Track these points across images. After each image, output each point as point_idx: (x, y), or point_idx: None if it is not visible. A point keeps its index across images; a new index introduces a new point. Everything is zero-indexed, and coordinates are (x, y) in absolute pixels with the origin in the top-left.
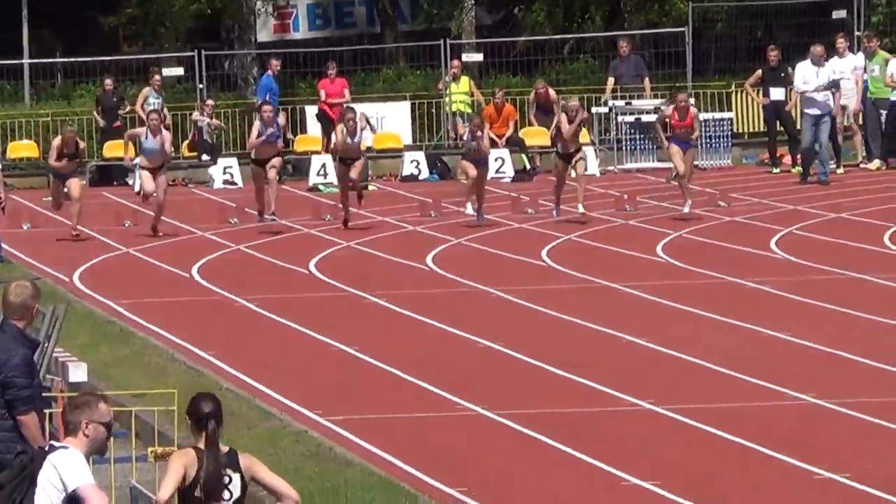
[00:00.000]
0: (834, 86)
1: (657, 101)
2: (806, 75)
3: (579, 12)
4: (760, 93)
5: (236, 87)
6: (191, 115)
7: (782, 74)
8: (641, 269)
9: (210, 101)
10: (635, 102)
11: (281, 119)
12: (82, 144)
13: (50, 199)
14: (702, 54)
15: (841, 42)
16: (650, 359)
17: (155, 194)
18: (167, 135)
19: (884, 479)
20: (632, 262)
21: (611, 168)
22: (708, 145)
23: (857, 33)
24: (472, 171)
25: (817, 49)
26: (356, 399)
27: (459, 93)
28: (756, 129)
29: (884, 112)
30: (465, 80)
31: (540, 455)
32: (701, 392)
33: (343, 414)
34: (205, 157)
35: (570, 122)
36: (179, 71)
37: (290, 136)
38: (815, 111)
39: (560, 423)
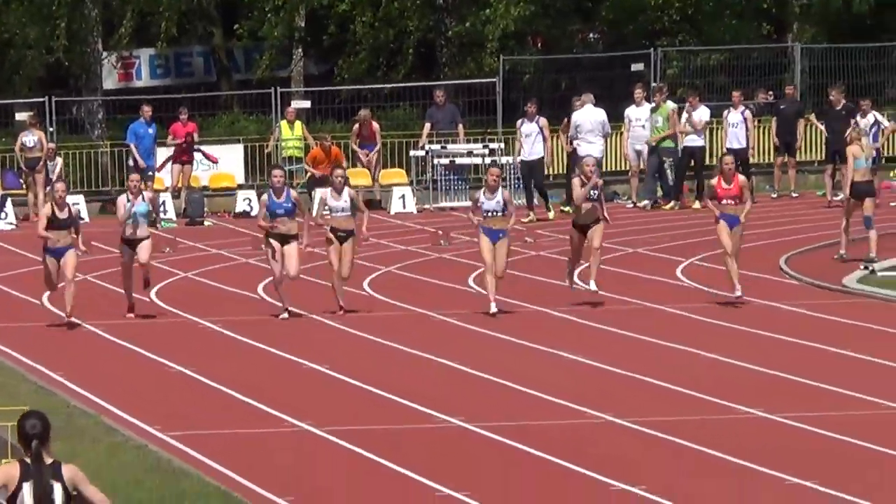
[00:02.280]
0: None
1: (471, 146)
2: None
3: (398, 64)
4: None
5: (83, 130)
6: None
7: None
8: (455, 299)
9: (51, 145)
10: (450, 146)
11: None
12: (75, 210)
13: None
14: (511, 103)
15: (638, 92)
16: (461, 379)
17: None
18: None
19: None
20: (446, 293)
21: (426, 206)
22: (516, 186)
23: (653, 84)
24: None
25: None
26: (193, 416)
27: (293, 138)
28: (559, 172)
29: (667, 159)
30: (298, 124)
31: (361, 468)
32: (512, 409)
33: (181, 430)
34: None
35: (583, 185)
36: (29, 114)
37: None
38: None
39: (380, 439)
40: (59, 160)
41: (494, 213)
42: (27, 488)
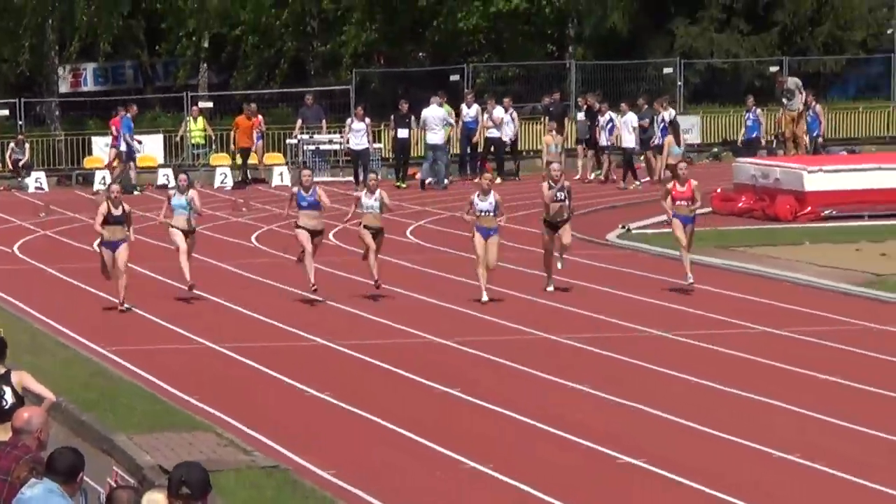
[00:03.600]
0: (449, 124)
1: (331, 136)
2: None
3: (277, 75)
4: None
5: (45, 123)
6: (9, 143)
7: (411, 118)
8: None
9: (21, 136)
10: (316, 137)
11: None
12: (127, 207)
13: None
14: (362, 104)
15: (436, 98)
16: (323, 308)
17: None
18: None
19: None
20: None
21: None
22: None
23: (465, 90)
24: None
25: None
26: (128, 336)
27: (197, 129)
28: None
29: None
30: (201, 119)
31: (249, 376)
32: (363, 333)
33: (118, 346)
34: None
35: (550, 188)
36: (5, 112)
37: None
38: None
39: (259, 353)
40: (27, 146)
41: (487, 213)
42: None
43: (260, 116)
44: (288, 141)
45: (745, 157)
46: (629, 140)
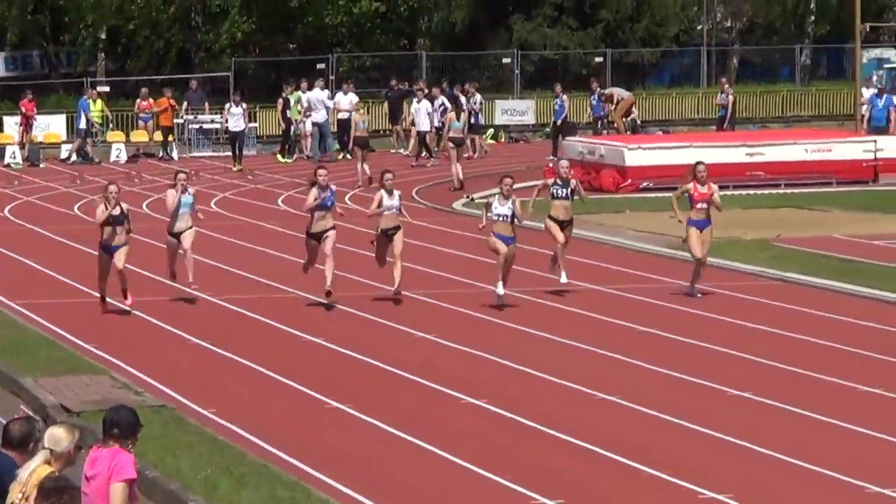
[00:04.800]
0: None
1: (213, 117)
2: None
3: (167, 62)
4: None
5: None
6: None
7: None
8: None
9: None
10: (199, 117)
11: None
12: (126, 206)
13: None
14: (240, 90)
15: (320, 82)
16: (210, 267)
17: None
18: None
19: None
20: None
21: (184, 155)
22: (248, 142)
23: (331, 77)
24: (502, 248)
25: (305, 84)
26: (34, 288)
27: (96, 111)
28: (274, 132)
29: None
30: (99, 101)
31: (152, 331)
32: (238, 289)
33: (27, 300)
34: None
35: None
36: None
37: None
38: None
39: (164, 308)
40: None
41: (504, 219)
42: None
43: (151, 101)
44: (175, 120)
45: (571, 137)
46: (424, 124)
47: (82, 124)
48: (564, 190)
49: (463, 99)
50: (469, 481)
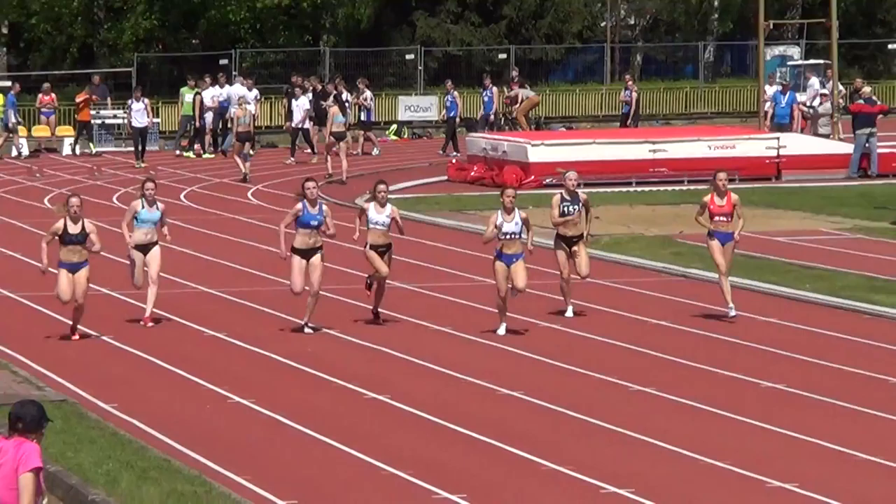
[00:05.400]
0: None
1: (116, 112)
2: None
3: (68, 58)
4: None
5: None
6: None
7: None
8: (106, 212)
9: None
10: (102, 112)
11: None
12: (89, 225)
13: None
14: (143, 85)
15: (222, 77)
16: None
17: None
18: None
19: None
20: (101, 206)
21: (86, 150)
22: (151, 138)
23: (234, 73)
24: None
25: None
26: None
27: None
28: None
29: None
30: (0, 96)
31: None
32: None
33: None
34: None
35: (563, 201)
36: None
37: None
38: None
39: None
40: None
41: (513, 237)
42: None
43: (53, 96)
44: (78, 116)
45: (478, 133)
46: (300, 120)
47: (12, 119)
48: (574, 206)
49: (348, 95)
50: (370, 475)
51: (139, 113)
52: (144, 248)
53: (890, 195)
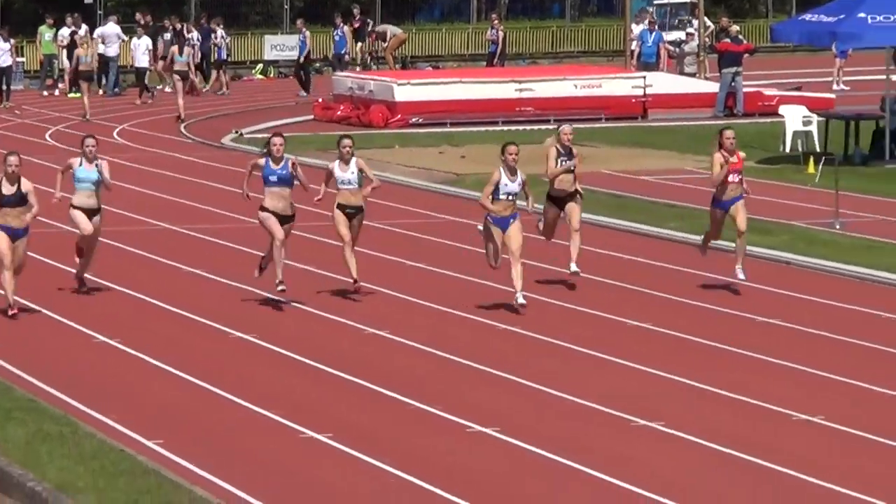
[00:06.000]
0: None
1: None
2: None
3: None
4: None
5: None
6: None
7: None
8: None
9: None
10: None
11: None
12: (28, 186)
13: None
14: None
15: (114, 17)
16: None
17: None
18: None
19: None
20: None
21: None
22: (15, 77)
23: (99, 12)
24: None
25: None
26: None
27: None
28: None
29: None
30: None
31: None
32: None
33: None
34: None
35: (559, 155)
36: None
37: None
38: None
39: None
40: None
41: (513, 197)
42: None
43: None
44: None
45: (341, 72)
46: (142, 60)
47: None
48: (568, 160)
49: (196, 34)
50: (239, 415)
51: (3, 53)
52: (88, 213)
53: (755, 134)
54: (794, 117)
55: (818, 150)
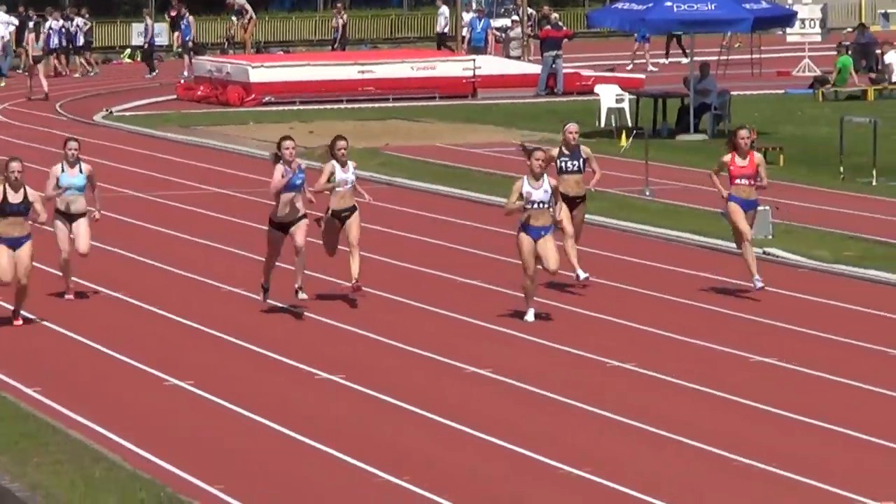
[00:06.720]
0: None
1: None
2: None
3: None
4: None
5: None
6: None
7: None
8: None
9: None
10: None
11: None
12: (34, 194)
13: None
14: None
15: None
16: None
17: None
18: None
19: None
20: None
21: None
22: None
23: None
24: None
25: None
26: None
27: None
28: None
29: None
30: None
31: None
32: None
33: None
34: None
35: (561, 155)
36: None
37: None
38: None
39: None
40: None
41: (541, 206)
42: None
43: None
44: None
45: (203, 56)
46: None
47: None
48: (574, 162)
49: (55, 23)
50: (179, 397)
51: None
52: (70, 218)
53: (573, 110)
54: (608, 95)
55: (630, 124)
